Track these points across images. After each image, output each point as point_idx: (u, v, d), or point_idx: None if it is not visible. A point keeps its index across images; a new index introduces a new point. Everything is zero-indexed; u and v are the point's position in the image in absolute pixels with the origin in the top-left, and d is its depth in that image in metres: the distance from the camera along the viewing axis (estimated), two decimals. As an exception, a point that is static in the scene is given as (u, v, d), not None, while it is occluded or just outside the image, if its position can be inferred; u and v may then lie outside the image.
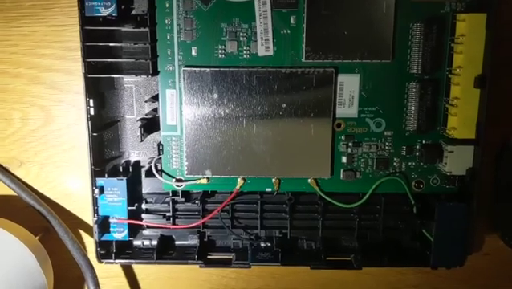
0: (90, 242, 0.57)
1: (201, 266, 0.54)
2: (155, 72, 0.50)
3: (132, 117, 0.54)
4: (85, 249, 0.57)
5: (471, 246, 0.52)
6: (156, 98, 0.52)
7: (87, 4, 0.47)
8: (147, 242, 0.56)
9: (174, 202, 0.54)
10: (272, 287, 0.59)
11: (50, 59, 0.54)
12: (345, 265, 0.54)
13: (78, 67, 0.49)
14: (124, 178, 0.51)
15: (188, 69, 0.49)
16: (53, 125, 0.55)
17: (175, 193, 0.54)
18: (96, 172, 0.51)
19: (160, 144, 0.52)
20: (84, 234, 0.58)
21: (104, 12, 0.48)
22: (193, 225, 0.53)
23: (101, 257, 0.53)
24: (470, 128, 0.49)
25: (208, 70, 0.49)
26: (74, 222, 0.57)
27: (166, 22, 0.49)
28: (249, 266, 0.53)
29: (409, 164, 0.52)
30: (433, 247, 0.51)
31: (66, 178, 0.56)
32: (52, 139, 0.55)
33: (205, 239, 0.56)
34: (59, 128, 0.55)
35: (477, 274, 0.58)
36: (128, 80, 0.53)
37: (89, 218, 0.54)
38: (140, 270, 0.59)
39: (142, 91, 0.53)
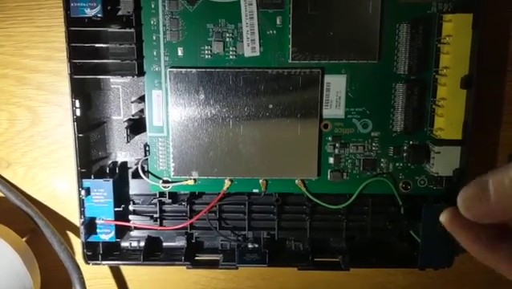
0: (78, 244, 0.56)
1: (188, 268, 0.53)
2: (141, 73, 0.50)
3: (118, 118, 0.53)
4: (73, 250, 0.57)
5: (458, 247, 0.51)
6: (142, 99, 0.51)
7: (72, 5, 0.47)
8: (134, 244, 0.56)
9: (161, 203, 0.54)
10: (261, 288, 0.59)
11: (36, 59, 0.53)
12: (333, 266, 0.54)
13: (64, 68, 0.49)
14: (111, 179, 0.51)
15: (174, 70, 0.49)
16: (40, 126, 0.55)
17: (162, 194, 0.54)
18: (82, 174, 0.51)
19: (146, 145, 0.52)
20: (72, 236, 0.58)
21: (90, 13, 0.48)
22: (181, 226, 0.53)
23: (88, 258, 0.53)
24: (457, 128, 0.48)
25: (194, 70, 0.49)
26: (61, 224, 0.57)
27: (152, 22, 0.49)
28: (237, 268, 0.53)
29: (396, 164, 0.52)
30: (421, 248, 0.50)
31: (53, 179, 0.56)
32: (39, 140, 0.55)
33: (193, 240, 0.55)
34: (46, 128, 0.55)
35: (466, 275, 0.58)
36: (115, 81, 0.53)
37: (77, 220, 0.54)
38: (129, 271, 0.59)
39: (129, 91, 0.53)
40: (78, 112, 0.50)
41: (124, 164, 0.54)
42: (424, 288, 0.58)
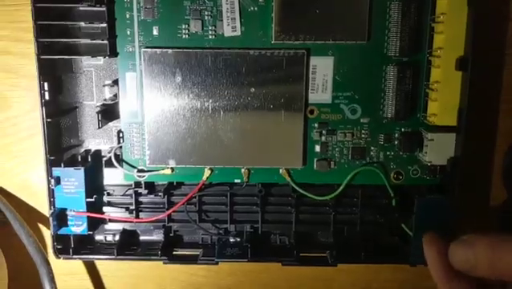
0: (50, 237, 0.53)
1: (164, 263, 0.50)
2: (113, 54, 0.46)
3: (91, 103, 0.50)
4: (45, 244, 0.54)
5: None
6: (116, 82, 0.48)
7: (39, -20, 0.44)
8: (109, 237, 0.52)
9: (137, 194, 0.51)
10: (244, 285, 0.56)
11: (4, 40, 0.50)
12: (319, 261, 0.51)
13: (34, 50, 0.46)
14: (82, 168, 0.48)
15: (149, 50, 0.46)
16: (9, 112, 0.52)
17: (138, 184, 0.51)
18: (52, 162, 0.48)
19: (120, 131, 0.48)
20: (44, 229, 0.54)
21: (58, -12, 0.44)
22: (157, 218, 0.50)
23: (58, 252, 0.50)
24: (452, 114, 0.45)
25: (170, 51, 0.46)
26: (32, 216, 0.54)
27: (125, -1, 0.46)
28: (217, 263, 0.49)
29: (387, 153, 0.48)
30: (412, 243, 0.47)
31: (23, 168, 0.53)
32: (8, 127, 0.52)
33: (171, 234, 0.52)
34: (16, 114, 0.52)
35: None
36: (88, 63, 0.49)
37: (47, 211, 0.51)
38: (104, 266, 0.56)
39: (102, 75, 0.49)
40: (47, 96, 0.47)
41: (98, 152, 0.51)
42: (416, 286, 0.55)
